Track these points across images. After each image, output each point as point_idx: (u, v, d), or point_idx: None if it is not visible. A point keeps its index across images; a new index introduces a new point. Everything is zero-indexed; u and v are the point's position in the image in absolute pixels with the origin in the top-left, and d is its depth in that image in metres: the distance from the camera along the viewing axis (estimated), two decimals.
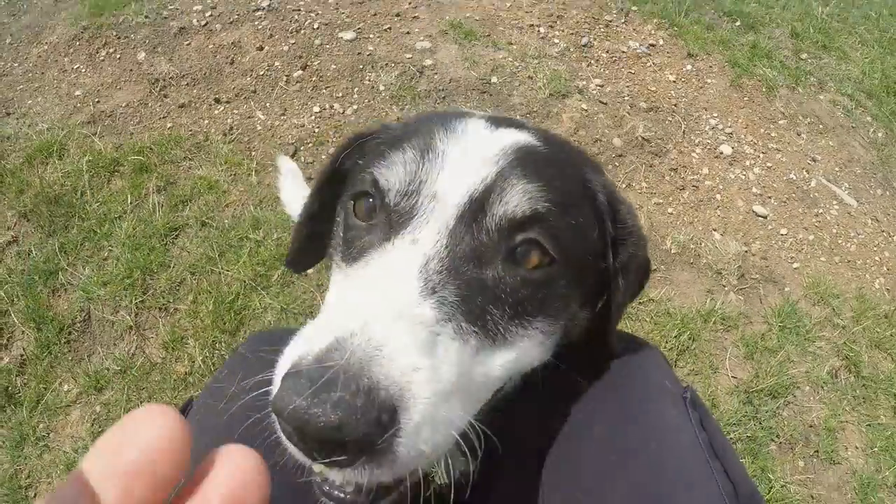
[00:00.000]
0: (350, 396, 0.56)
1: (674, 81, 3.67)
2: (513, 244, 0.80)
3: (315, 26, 3.66)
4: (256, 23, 3.66)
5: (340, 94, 3.33)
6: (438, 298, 0.71)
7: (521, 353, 0.82)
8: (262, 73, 3.41)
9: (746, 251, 2.98)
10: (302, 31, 3.63)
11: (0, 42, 3.65)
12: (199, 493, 0.33)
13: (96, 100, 3.26)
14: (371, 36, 3.65)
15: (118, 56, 3.48)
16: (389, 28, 3.68)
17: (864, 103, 3.93)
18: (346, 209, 0.92)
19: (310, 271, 2.61)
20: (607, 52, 3.76)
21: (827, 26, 4.43)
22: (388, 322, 0.65)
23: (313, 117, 3.23)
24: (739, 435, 2.43)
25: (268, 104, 3.28)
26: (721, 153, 3.36)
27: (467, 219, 0.79)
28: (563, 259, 0.82)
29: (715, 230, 3.03)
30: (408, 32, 3.66)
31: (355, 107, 3.25)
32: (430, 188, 0.81)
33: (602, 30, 3.91)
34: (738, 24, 4.19)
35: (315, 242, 1.12)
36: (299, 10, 3.76)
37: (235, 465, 0.34)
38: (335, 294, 0.87)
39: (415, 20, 3.74)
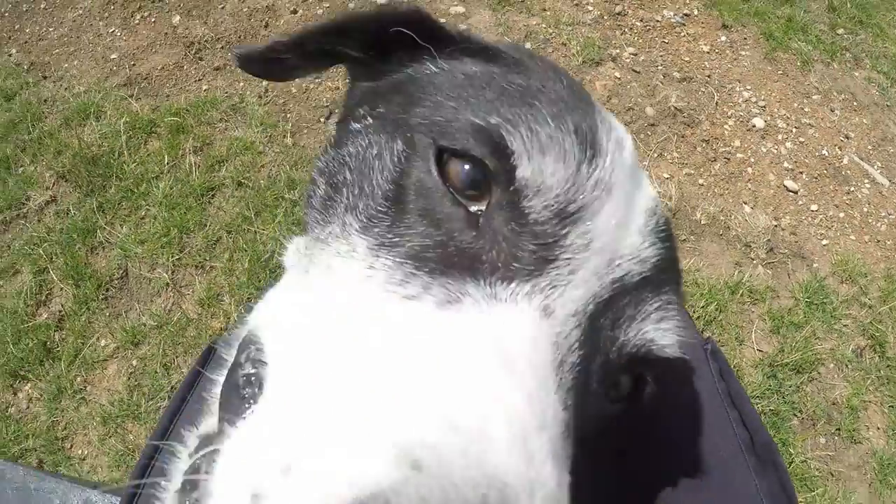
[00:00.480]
0: None
1: (708, 52, 3.62)
2: (625, 377, 0.57)
3: None
4: None
5: None
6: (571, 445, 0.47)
7: None
8: None
9: (776, 225, 2.97)
10: None
11: (35, 6, 3.69)
12: None
13: (132, 63, 3.31)
14: (404, 0, 3.61)
15: (153, 20, 3.51)
16: None
17: None
18: (414, 157, 0.55)
19: None
20: (641, 20, 3.71)
21: (864, 2, 4.31)
22: None
23: (348, 80, 3.20)
24: (763, 408, 2.45)
25: None
26: (753, 126, 3.33)
27: (608, 309, 0.52)
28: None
29: (745, 203, 3.02)
30: None
31: None
32: (587, 222, 0.51)
33: None
34: None
35: (276, 66, 0.73)
36: None
37: None
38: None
39: None
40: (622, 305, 0.53)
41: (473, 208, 0.52)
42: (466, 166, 0.53)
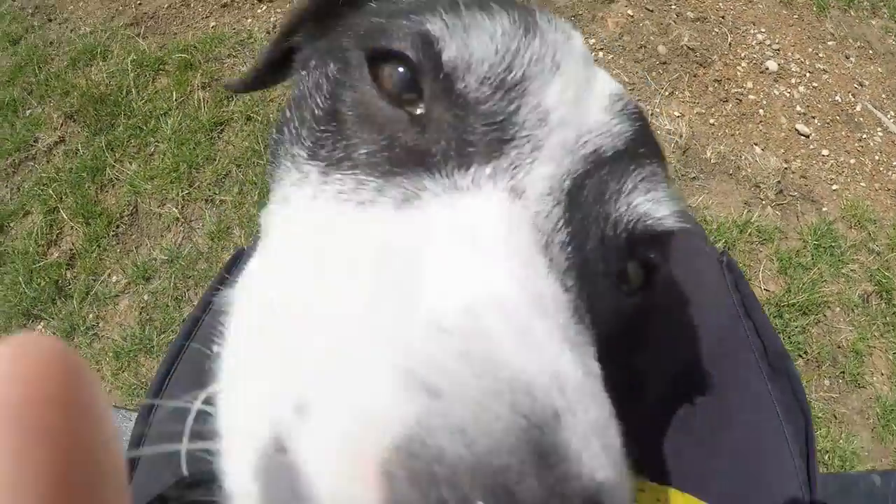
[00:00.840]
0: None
1: None
2: (632, 264, 0.52)
3: None
4: None
5: None
6: (578, 315, 0.41)
7: None
8: None
9: (786, 168, 2.95)
10: None
11: None
12: None
13: (138, 2, 3.27)
14: None
15: None
16: None
17: None
18: (348, 71, 0.52)
19: None
20: None
21: None
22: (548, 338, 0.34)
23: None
24: None
25: None
26: (767, 69, 3.28)
27: (590, 188, 0.47)
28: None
29: (756, 144, 3.00)
30: None
31: None
32: (537, 96, 0.47)
33: None
34: None
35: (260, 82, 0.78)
36: None
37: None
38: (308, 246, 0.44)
39: None
40: (604, 180, 0.48)
41: (416, 112, 0.48)
42: (399, 68, 0.49)
